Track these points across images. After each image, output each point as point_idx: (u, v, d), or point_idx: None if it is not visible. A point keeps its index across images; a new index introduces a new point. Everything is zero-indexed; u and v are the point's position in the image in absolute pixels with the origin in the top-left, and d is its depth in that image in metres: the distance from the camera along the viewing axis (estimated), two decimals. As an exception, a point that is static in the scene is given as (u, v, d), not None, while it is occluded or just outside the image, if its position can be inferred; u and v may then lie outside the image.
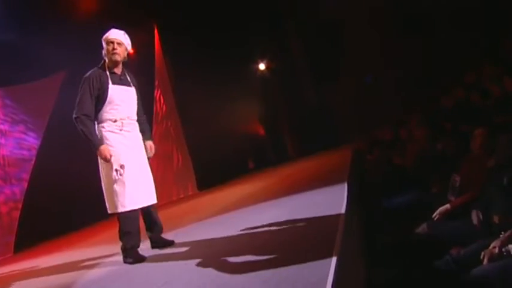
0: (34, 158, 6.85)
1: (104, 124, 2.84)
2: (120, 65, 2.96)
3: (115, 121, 2.84)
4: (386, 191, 3.41)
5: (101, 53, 2.94)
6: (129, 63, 3.03)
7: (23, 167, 6.65)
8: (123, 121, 2.86)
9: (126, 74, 3.02)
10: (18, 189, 6.47)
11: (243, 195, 5.03)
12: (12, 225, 6.36)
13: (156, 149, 3.16)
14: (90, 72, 2.88)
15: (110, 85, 2.84)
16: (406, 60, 8.28)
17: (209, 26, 8.88)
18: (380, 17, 8.60)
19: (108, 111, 2.84)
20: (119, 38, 2.91)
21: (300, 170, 6.64)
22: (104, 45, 2.92)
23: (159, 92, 9.70)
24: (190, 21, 8.72)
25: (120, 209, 2.74)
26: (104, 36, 2.93)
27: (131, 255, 2.77)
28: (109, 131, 2.83)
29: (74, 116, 2.78)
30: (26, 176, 6.63)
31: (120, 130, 2.84)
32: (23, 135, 6.83)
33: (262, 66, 10.98)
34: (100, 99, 2.82)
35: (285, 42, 10.56)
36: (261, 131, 11.19)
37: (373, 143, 6.26)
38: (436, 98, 5.44)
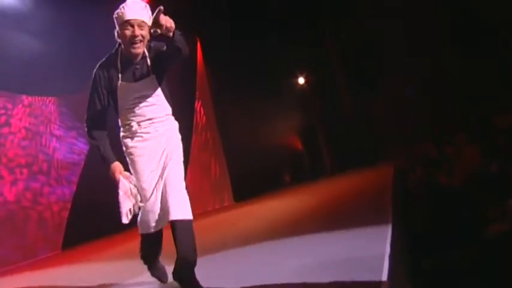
0: (83, 162, 7.28)
1: (122, 129, 2.32)
2: (141, 54, 2.21)
3: (130, 126, 2.25)
4: (433, 214, 3.26)
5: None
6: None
7: (73, 170, 7.08)
8: (142, 123, 2.24)
9: (147, 56, 2.22)
10: (68, 191, 6.86)
11: (275, 219, 4.69)
12: (61, 224, 6.74)
13: (194, 159, 2.90)
14: (100, 62, 2.25)
15: (120, 83, 2.19)
16: (452, 74, 7.96)
17: (250, 40, 9.02)
18: (423, 28, 8.34)
19: (124, 114, 2.26)
20: (141, 18, 2.10)
21: (338, 190, 6.43)
22: (117, 25, 2.14)
23: (199, 103, 9.93)
24: (232, 35, 8.90)
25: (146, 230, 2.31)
26: (117, 13, 2.13)
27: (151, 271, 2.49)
28: (127, 137, 2.28)
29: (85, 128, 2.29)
30: (75, 178, 7.06)
31: (134, 136, 2.25)
32: (75, 141, 7.28)
33: (301, 80, 10.97)
34: (112, 99, 2.24)
35: (324, 55, 10.51)
36: (299, 145, 11.13)
37: (416, 161, 6.02)
38: (486, 115, 5.17)
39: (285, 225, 4.09)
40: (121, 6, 2.12)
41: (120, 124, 2.33)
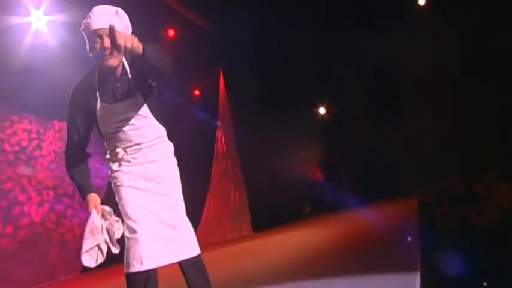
0: (106, 187, 7.41)
1: (108, 155, 2.04)
2: (119, 65, 1.85)
3: (116, 153, 1.97)
4: (464, 254, 3.13)
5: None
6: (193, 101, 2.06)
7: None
8: (128, 149, 1.95)
9: (127, 73, 1.87)
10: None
11: (295, 253, 4.57)
12: (81, 247, 6.80)
13: (214, 187, 2.66)
14: (77, 82, 1.94)
15: (98, 104, 1.87)
16: (481, 105, 7.82)
17: (272, 70, 9.20)
18: (447, 58, 8.30)
19: (107, 139, 1.99)
20: (109, 26, 1.64)
21: (359, 224, 6.28)
22: (86, 37, 1.82)
23: (220, 132, 10.07)
24: (254, 65, 9.10)
25: (130, 269, 1.87)
26: (84, 23, 1.80)
27: None
28: (111, 161, 2.02)
29: None
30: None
31: (120, 163, 1.96)
32: (99, 166, 7.38)
33: (322, 110, 11.00)
34: (92, 123, 1.95)
35: (346, 85, 10.55)
36: (319, 176, 11.02)
37: (442, 196, 5.87)
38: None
39: (305, 260, 4.00)
40: (88, 15, 1.79)
41: (105, 146, 2.05)
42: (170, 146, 2.09)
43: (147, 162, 1.97)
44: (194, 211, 2.12)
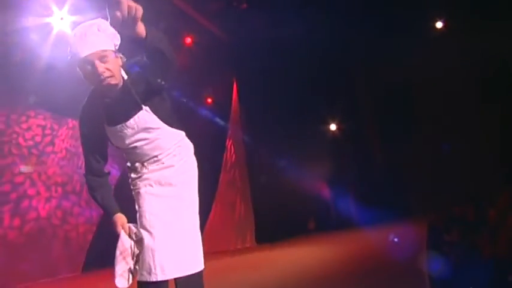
0: (113, 188, 7.46)
1: (128, 166, 2.02)
2: (119, 82, 1.76)
3: (135, 167, 1.96)
4: (471, 281, 3.04)
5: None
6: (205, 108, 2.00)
7: (103, 195, 7.29)
8: (145, 163, 1.93)
9: (128, 88, 1.77)
10: (96, 214, 6.95)
11: (299, 269, 4.47)
12: (84, 246, 6.82)
13: (220, 196, 2.59)
14: (82, 105, 1.89)
15: (106, 128, 1.86)
16: (493, 129, 7.71)
17: (285, 83, 9.24)
18: (460, 80, 8.21)
19: (125, 154, 1.98)
20: (97, 48, 1.63)
21: (365, 244, 6.17)
22: (76, 65, 1.69)
23: (230, 141, 10.08)
24: (268, 77, 9.15)
25: (140, 278, 1.86)
26: (70, 52, 1.67)
27: None
28: (130, 170, 2.00)
29: None
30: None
31: (137, 175, 1.95)
32: (109, 167, 7.49)
33: (333, 127, 10.96)
34: (107, 141, 1.94)
35: (357, 102, 10.52)
36: (326, 192, 10.92)
37: (451, 221, 5.73)
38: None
39: (308, 277, 3.94)
40: (71, 41, 1.66)
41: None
42: (190, 147, 2.03)
43: (164, 167, 1.93)
44: (199, 219, 2.05)
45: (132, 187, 2.00)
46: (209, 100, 9.68)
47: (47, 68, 5.67)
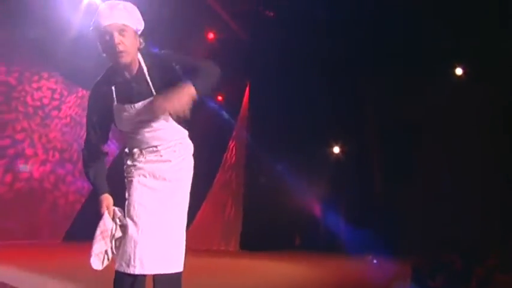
0: (109, 164, 7.48)
1: (125, 152, 2.01)
2: (134, 63, 1.79)
3: (132, 153, 1.93)
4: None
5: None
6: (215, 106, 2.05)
7: (98, 168, 7.31)
8: (144, 151, 1.90)
9: (145, 73, 1.80)
10: (88, 186, 6.98)
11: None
12: (71, 216, 6.81)
13: (213, 196, 2.58)
14: (96, 80, 1.90)
15: (115, 105, 1.84)
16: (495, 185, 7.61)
17: (298, 98, 9.24)
18: (470, 129, 8.13)
19: (126, 138, 1.97)
20: (119, 21, 1.69)
21: (350, 271, 6.05)
22: (96, 35, 1.74)
23: (233, 143, 10.06)
24: (280, 88, 9.16)
25: (118, 268, 1.82)
26: (93, 22, 1.73)
27: None
28: (127, 156, 1.98)
29: None
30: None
31: (134, 162, 1.91)
32: (108, 142, 7.53)
33: (336, 149, 10.91)
34: (112, 122, 1.92)
35: (363, 128, 10.46)
36: (318, 211, 10.85)
37: (438, 267, 5.64)
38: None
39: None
40: (96, 13, 1.73)
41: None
42: (190, 147, 2.02)
43: (161, 161, 1.91)
44: (187, 214, 2.01)
45: (125, 174, 1.97)
46: (219, 97, 9.67)
47: (71, 34, 5.71)
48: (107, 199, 1.90)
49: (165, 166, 1.91)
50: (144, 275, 1.82)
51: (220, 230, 9.25)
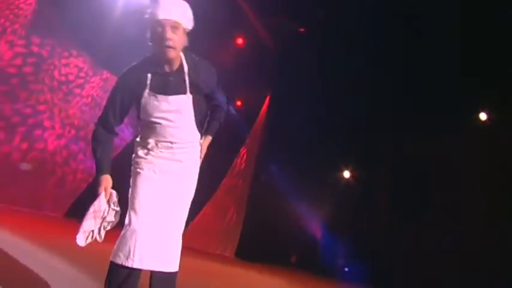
0: (121, 149, 7.61)
1: (138, 140, 1.99)
2: (177, 59, 1.87)
3: (147, 142, 1.93)
4: None
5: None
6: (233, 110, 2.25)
7: (109, 152, 7.42)
8: (159, 144, 1.92)
9: (185, 71, 1.89)
10: (97, 167, 7.12)
11: None
12: (76, 193, 6.87)
13: (216, 199, 2.57)
14: (129, 67, 1.92)
15: (145, 93, 1.85)
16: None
17: (314, 119, 9.21)
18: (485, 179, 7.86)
19: (143, 126, 1.95)
20: (174, 17, 1.77)
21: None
22: (148, 26, 1.82)
23: (245, 149, 10.05)
24: (301, 105, 9.14)
25: (115, 259, 1.81)
26: (148, 13, 1.81)
27: None
28: (139, 146, 1.97)
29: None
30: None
31: (147, 152, 1.92)
32: (123, 127, 7.62)
33: (346, 174, 10.77)
34: (136, 108, 1.92)
35: (377, 158, 10.28)
36: (318, 234, 10.69)
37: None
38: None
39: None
40: (152, 5, 1.81)
41: (139, 130, 2.00)
42: (199, 151, 2.07)
43: (173, 159, 1.94)
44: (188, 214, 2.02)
45: (133, 164, 1.96)
46: (239, 102, 9.69)
47: (109, 16, 5.86)
48: (107, 180, 1.88)
49: (176, 166, 1.94)
50: (140, 270, 1.83)
51: (218, 234, 9.21)
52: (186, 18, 1.83)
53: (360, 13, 7.09)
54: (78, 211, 6.98)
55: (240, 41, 8.25)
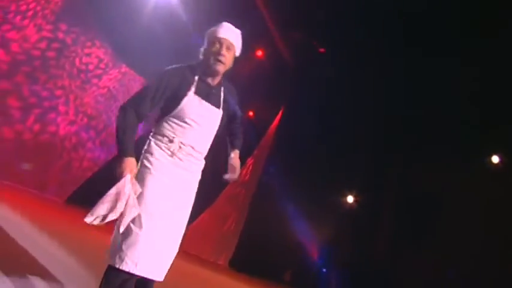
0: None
1: (158, 137, 1.97)
2: (219, 77, 2.05)
3: (171, 141, 1.94)
4: None
5: (198, 50, 2.08)
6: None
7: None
8: (184, 147, 1.95)
9: (221, 88, 2.07)
10: (104, 157, 7.15)
11: None
12: (79, 180, 6.94)
13: (216, 207, 2.60)
14: (175, 66, 2.03)
15: (190, 93, 1.95)
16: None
17: (325, 140, 9.16)
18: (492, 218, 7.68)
19: (171, 125, 1.96)
20: (231, 39, 2.01)
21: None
22: (207, 41, 2.03)
23: (252, 161, 10.02)
24: (312, 125, 9.12)
25: (121, 265, 1.79)
26: (211, 30, 2.03)
27: None
28: (158, 144, 1.96)
29: (122, 105, 1.95)
30: (116, 152, 7.41)
31: (166, 153, 1.93)
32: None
33: (350, 199, 10.65)
34: (169, 105, 1.96)
35: (381, 183, 10.15)
36: (315, 254, 10.54)
37: None
38: None
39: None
40: (218, 24, 2.06)
41: (159, 127, 1.99)
42: (203, 165, 2.13)
43: (187, 170, 1.99)
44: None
45: (147, 164, 1.93)
46: (251, 113, 9.68)
47: (137, 13, 5.98)
48: (133, 163, 1.87)
49: (188, 177, 2.00)
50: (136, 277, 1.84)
51: (215, 241, 9.14)
52: (238, 44, 2.06)
53: (379, 37, 7.11)
54: (79, 199, 7.07)
55: (259, 53, 8.33)
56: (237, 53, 2.07)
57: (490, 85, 7.10)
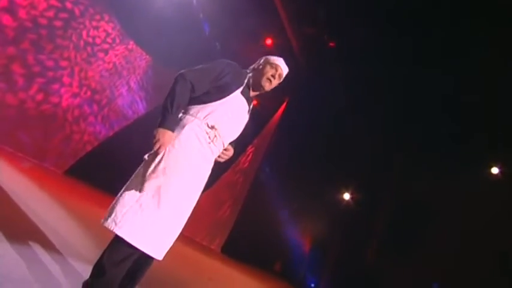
0: (131, 121, 7.63)
1: (199, 120, 2.02)
2: (258, 93, 2.36)
3: (212, 127, 2.03)
4: None
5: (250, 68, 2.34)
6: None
7: (119, 121, 7.43)
8: (218, 134, 2.05)
9: (251, 104, 2.31)
10: (105, 132, 7.17)
11: None
12: (79, 153, 6.95)
13: (213, 192, 2.70)
14: (233, 62, 2.21)
15: (239, 91, 2.13)
16: None
17: (326, 137, 9.12)
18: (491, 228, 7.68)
19: (214, 112, 2.03)
20: (284, 73, 2.34)
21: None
22: (265, 64, 2.30)
23: (252, 149, 10.00)
24: (315, 120, 9.06)
25: (132, 239, 1.81)
26: (272, 58, 2.33)
27: None
28: (194, 127, 2.00)
29: (180, 72, 1.99)
30: (117, 128, 7.37)
31: (209, 143, 2.02)
32: (138, 100, 7.74)
33: (347, 196, 10.67)
34: (216, 92, 2.05)
35: (378, 182, 10.13)
36: (307, 247, 10.59)
37: None
38: None
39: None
40: (278, 58, 2.37)
41: (200, 113, 2.03)
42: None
43: (209, 162, 2.09)
44: None
45: (180, 142, 1.96)
46: (255, 101, 9.59)
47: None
48: (171, 137, 1.91)
49: (208, 167, 2.11)
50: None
51: (209, 225, 9.18)
52: (283, 77, 2.36)
53: (388, 36, 7.02)
54: (77, 172, 7.05)
55: (269, 41, 8.29)
56: (278, 82, 2.36)
57: (489, 95, 7.05)
